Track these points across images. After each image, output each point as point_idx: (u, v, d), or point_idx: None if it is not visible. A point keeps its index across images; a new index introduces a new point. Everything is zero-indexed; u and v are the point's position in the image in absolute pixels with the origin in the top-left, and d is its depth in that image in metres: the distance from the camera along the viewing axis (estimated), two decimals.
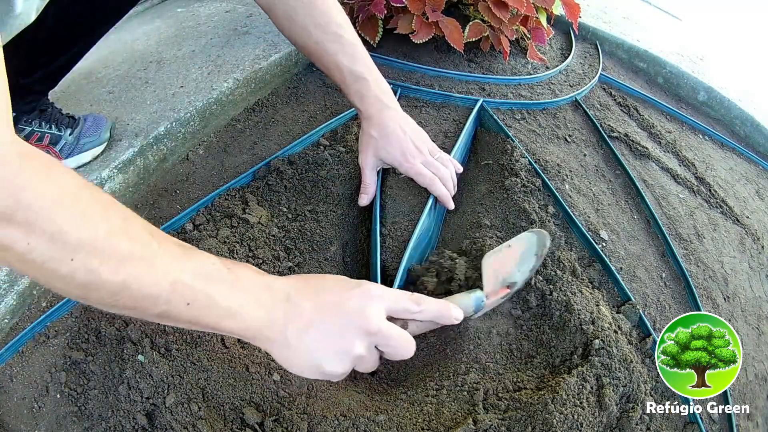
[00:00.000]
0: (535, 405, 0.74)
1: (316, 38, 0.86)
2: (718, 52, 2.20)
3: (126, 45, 1.31)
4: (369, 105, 0.89)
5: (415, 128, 0.95)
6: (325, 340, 0.57)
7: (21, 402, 0.74)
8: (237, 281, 0.52)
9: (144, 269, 0.46)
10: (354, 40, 0.88)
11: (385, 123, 0.90)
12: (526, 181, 1.03)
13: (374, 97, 0.89)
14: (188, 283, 0.48)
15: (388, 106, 0.90)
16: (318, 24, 0.85)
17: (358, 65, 0.87)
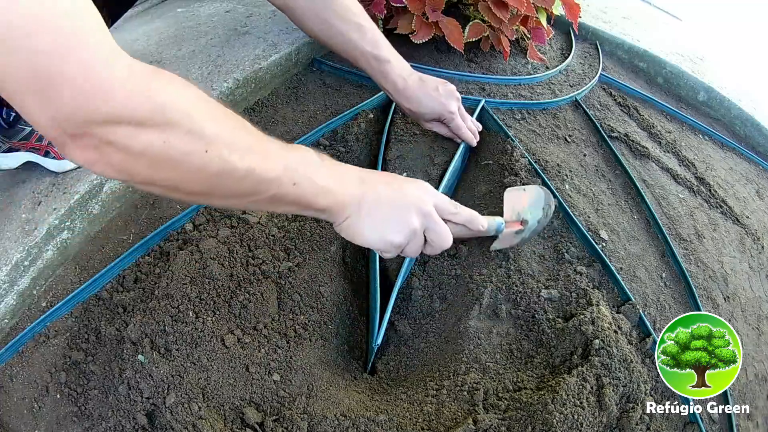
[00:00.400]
0: (535, 405, 0.74)
1: (339, 29, 0.94)
2: (718, 52, 2.20)
3: (126, 45, 1.30)
4: (396, 83, 0.99)
5: (438, 82, 1.03)
6: (391, 213, 0.68)
7: (21, 402, 0.74)
8: (329, 167, 0.65)
9: (263, 157, 0.56)
10: (371, 26, 0.96)
11: (414, 92, 1.00)
12: (526, 180, 1.03)
13: (399, 75, 0.99)
14: (294, 167, 0.59)
15: (412, 79, 1.01)
16: (339, 15, 0.93)
17: (380, 50, 0.96)
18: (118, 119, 0.45)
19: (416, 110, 1.03)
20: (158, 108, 0.47)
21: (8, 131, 0.89)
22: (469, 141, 1.09)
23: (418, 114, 1.04)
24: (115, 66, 0.46)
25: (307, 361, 0.81)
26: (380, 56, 0.96)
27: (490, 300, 0.87)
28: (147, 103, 0.46)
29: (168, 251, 0.89)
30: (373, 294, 0.87)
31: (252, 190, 0.56)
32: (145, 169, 0.49)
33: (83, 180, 0.91)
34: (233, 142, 0.53)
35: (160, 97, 0.47)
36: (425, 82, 1.02)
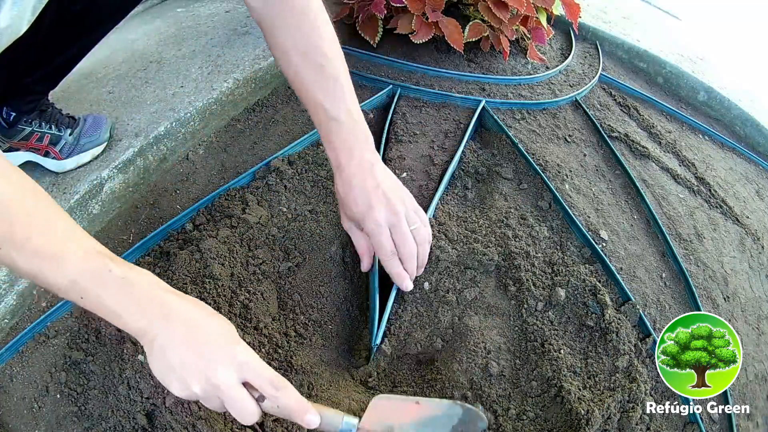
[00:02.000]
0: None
1: (296, 65, 0.75)
2: (718, 52, 2.20)
3: (126, 45, 1.31)
4: (337, 152, 0.77)
5: (392, 182, 0.79)
6: (183, 362, 0.55)
7: (21, 402, 0.74)
8: (126, 288, 0.54)
9: (49, 265, 0.51)
10: (338, 74, 0.76)
11: (349, 174, 0.76)
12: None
13: (343, 143, 0.76)
14: (82, 284, 0.52)
15: (356, 156, 0.76)
16: (299, 49, 0.75)
17: (333, 103, 0.75)
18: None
19: (343, 197, 0.79)
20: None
21: (8, 131, 0.89)
22: (394, 276, 0.80)
23: (341, 203, 0.80)
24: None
25: (307, 361, 0.81)
26: (331, 111, 0.75)
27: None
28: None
29: (168, 251, 0.89)
30: (373, 294, 0.87)
31: (44, 287, 0.54)
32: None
33: (83, 180, 0.91)
34: (22, 247, 0.50)
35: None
36: (372, 171, 0.77)
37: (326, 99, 0.75)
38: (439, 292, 0.89)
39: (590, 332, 0.90)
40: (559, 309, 0.91)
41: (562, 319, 0.90)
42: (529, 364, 0.85)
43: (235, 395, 0.56)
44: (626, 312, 0.93)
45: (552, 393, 0.82)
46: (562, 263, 0.95)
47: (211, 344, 0.56)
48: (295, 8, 0.74)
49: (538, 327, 0.88)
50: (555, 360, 0.84)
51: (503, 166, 1.11)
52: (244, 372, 0.57)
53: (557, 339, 0.87)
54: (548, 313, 0.90)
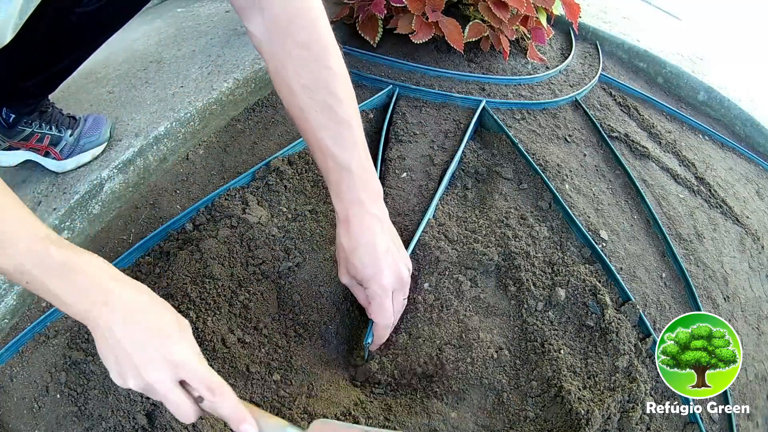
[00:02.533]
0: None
1: (301, 103, 0.69)
2: (718, 52, 2.20)
3: (126, 45, 1.31)
4: (346, 205, 0.72)
5: (399, 246, 0.77)
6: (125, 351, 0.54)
7: (21, 402, 0.74)
8: (68, 273, 0.53)
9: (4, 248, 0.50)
10: (350, 118, 0.70)
11: (359, 231, 0.71)
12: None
13: (354, 195, 0.71)
14: (27, 269, 0.52)
15: (367, 210, 0.72)
16: (306, 86, 0.68)
17: (344, 150, 0.69)
18: None
19: (347, 251, 0.73)
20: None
21: (8, 131, 0.89)
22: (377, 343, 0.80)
23: (344, 257, 0.75)
24: None
25: (307, 360, 0.82)
26: (341, 160, 0.69)
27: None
28: None
29: (168, 251, 0.89)
30: None
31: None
32: None
33: (83, 180, 0.91)
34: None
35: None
36: (383, 231, 0.73)
37: (336, 146, 0.69)
38: (438, 293, 0.89)
39: (590, 332, 0.90)
40: (559, 309, 0.91)
41: (562, 319, 0.90)
42: (529, 364, 0.85)
43: (169, 396, 0.55)
44: (626, 312, 0.93)
45: (552, 393, 0.82)
46: (562, 263, 0.95)
47: (146, 340, 0.54)
48: (302, 41, 0.67)
49: (538, 327, 0.88)
50: (555, 360, 0.84)
51: (503, 166, 1.11)
52: (180, 372, 0.55)
53: (557, 339, 0.87)
54: (548, 313, 0.90)
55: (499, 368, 0.84)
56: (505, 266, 0.94)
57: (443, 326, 0.87)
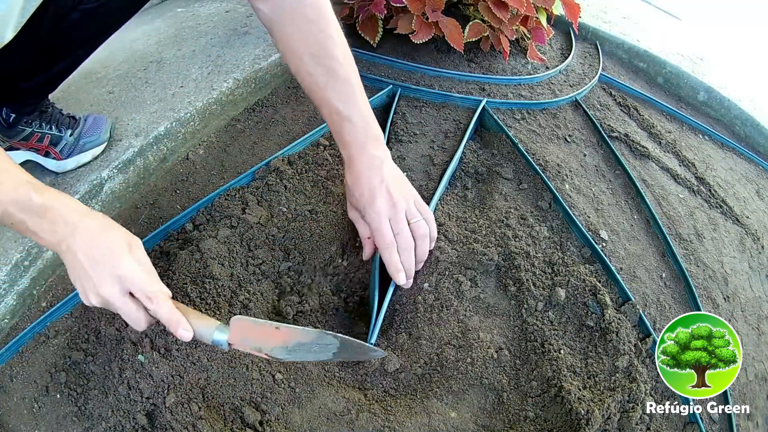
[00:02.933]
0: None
1: (308, 68, 0.80)
2: (718, 52, 2.20)
3: (126, 45, 1.31)
4: (349, 149, 0.83)
5: (397, 179, 0.84)
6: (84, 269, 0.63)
7: (21, 402, 0.74)
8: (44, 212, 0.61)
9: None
10: (349, 77, 0.81)
11: (359, 168, 0.82)
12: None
13: (356, 140, 0.82)
14: (10, 211, 0.60)
15: (368, 152, 0.82)
16: (312, 54, 0.79)
17: (346, 104, 0.80)
18: None
19: (350, 187, 0.84)
20: None
21: (8, 131, 0.89)
22: (390, 270, 0.84)
23: (348, 193, 0.86)
24: None
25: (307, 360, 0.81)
26: (344, 112, 0.80)
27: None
28: None
29: (168, 251, 0.89)
30: (372, 293, 0.87)
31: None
32: None
33: (83, 180, 0.91)
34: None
35: None
36: (380, 167, 0.82)
37: (340, 101, 0.80)
38: (438, 293, 0.89)
39: (590, 332, 0.90)
40: (559, 309, 0.91)
41: (562, 319, 0.90)
42: (529, 364, 0.85)
43: (120, 306, 0.64)
44: (626, 312, 0.93)
45: (552, 393, 0.82)
46: (562, 263, 0.95)
47: (100, 259, 0.62)
48: (309, 16, 0.78)
49: (538, 327, 0.88)
50: (555, 360, 0.84)
51: (503, 166, 1.11)
52: (126, 284, 0.63)
53: (557, 339, 0.87)
54: (548, 313, 0.90)
55: (499, 368, 0.84)
56: (505, 266, 0.94)
57: (443, 326, 0.87)
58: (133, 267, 0.64)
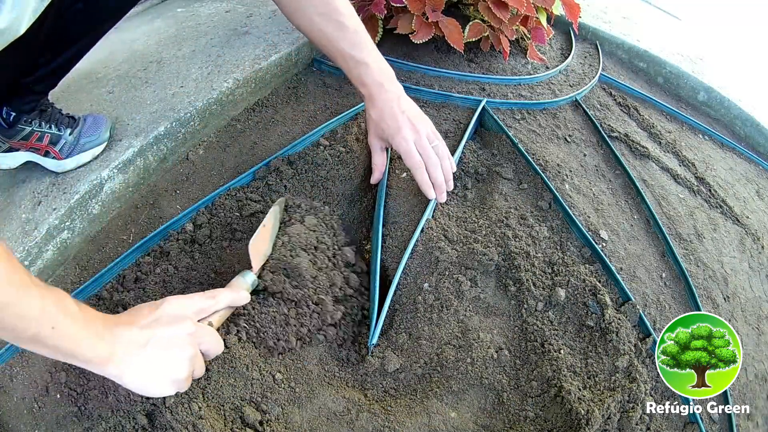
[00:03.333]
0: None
1: (319, 26, 0.90)
2: (718, 52, 2.20)
3: (126, 45, 1.31)
4: (369, 88, 0.94)
5: (415, 110, 0.97)
6: (164, 353, 0.65)
7: (21, 402, 0.74)
8: (87, 321, 0.61)
9: (24, 294, 0.55)
10: (356, 27, 0.91)
11: (382, 103, 0.94)
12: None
13: (374, 80, 0.93)
14: (53, 311, 0.57)
15: (387, 89, 0.94)
16: (321, 13, 0.89)
17: (360, 51, 0.92)
18: None
19: (376, 121, 0.95)
20: None
21: (8, 131, 0.89)
22: (423, 189, 0.96)
23: (374, 126, 0.97)
24: None
25: (307, 360, 0.81)
26: (359, 58, 0.92)
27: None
28: None
29: (168, 251, 0.89)
30: (372, 293, 0.87)
31: (12, 326, 0.55)
32: None
33: (83, 180, 0.91)
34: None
35: None
36: (399, 101, 0.95)
37: (353, 48, 0.91)
38: (438, 293, 0.89)
39: (590, 332, 0.90)
40: (559, 309, 0.91)
41: (562, 319, 0.90)
42: (529, 364, 0.85)
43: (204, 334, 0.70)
44: (626, 312, 0.93)
45: (552, 393, 0.82)
46: (562, 263, 0.95)
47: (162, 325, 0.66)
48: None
49: (538, 327, 0.88)
50: (555, 360, 0.84)
51: (503, 166, 1.11)
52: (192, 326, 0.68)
53: (557, 339, 0.87)
54: (548, 313, 0.90)
55: (499, 368, 0.84)
56: (505, 266, 0.94)
57: (443, 326, 0.87)
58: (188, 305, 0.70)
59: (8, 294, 0.54)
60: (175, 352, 0.66)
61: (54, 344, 0.58)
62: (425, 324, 0.87)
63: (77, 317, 0.59)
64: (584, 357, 0.87)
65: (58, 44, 0.83)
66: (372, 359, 0.83)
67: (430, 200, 0.97)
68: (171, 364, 0.65)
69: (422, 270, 0.92)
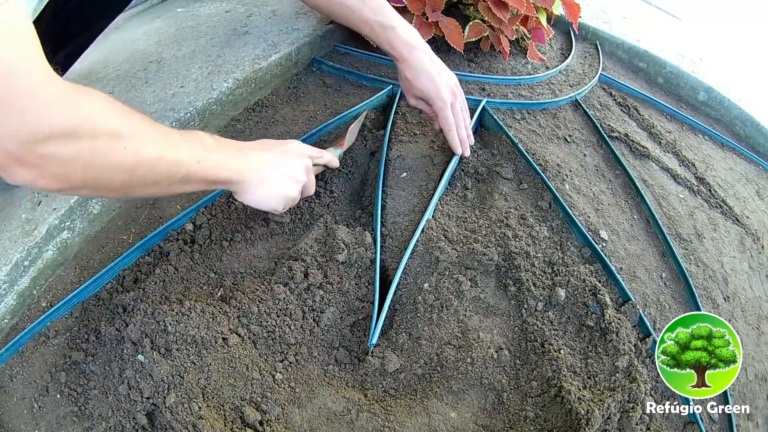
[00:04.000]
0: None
1: (340, 1, 0.98)
2: (718, 52, 2.20)
3: (126, 45, 1.31)
4: (400, 50, 0.98)
5: (444, 68, 1.02)
6: (283, 175, 0.80)
7: (21, 402, 0.74)
8: (223, 148, 0.74)
9: (170, 143, 0.65)
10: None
11: (415, 64, 0.98)
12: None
13: (403, 42, 0.98)
14: (196, 148, 0.69)
15: (417, 48, 0.98)
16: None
17: (383, 16, 0.97)
18: (53, 134, 0.52)
19: (411, 81, 1.01)
20: (83, 120, 0.55)
21: None
22: (454, 146, 1.05)
23: (410, 86, 1.03)
24: (49, 89, 0.52)
25: (307, 359, 0.81)
26: (385, 23, 0.97)
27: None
28: (75, 117, 0.54)
29: (168, 251, 0.89)
30: (373, 294, 0.87)
31: (166, 174, 0.65)
32: (79, 173, 0.56)
33: None
34: (145, 135, 0.61)
35: (84, 110, 0.55)
36: (432, 61, 1.01)
37: (375, 14, 0.97)
38: (438, 293, 0.89)
39: (590, 332, 0.90)
40: (559, 309, 0.91)
41: (562, 319, 0.90)
42: (529, 364, 0.85)
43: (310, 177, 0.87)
44: (626, 312, 0.93)
45: (552, 393, 0.82)
46: (562, 263, 0.95)
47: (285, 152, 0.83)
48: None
49: (538, 327, 0.88)
50: (555, 360, 0.84)
51: (503, 166, 1.11)
52: (309, 162, 0.86)
53: (557, 339, 0.87)
54: (548, 313, 0.90)
55: (499, 368, 0.84)
56: (505, 266, 0.94)
57: (443, 326, 0.87)
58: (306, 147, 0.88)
59: (161, 146, 0.63)
60: (295, 175, 0.81)
61: (201, 176, 0.69)
62: (425, 324, 0.87)
63: (215, 147, 0.72)
64: (584, 357, 0.87)
65: (55, 43, 0.84)
66: (372, 359, 0.83)
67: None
68: (289, 184, 0.80)
69: (422, 270, 0.92)
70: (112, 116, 0.58)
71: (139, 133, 0.61)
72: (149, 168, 0.62)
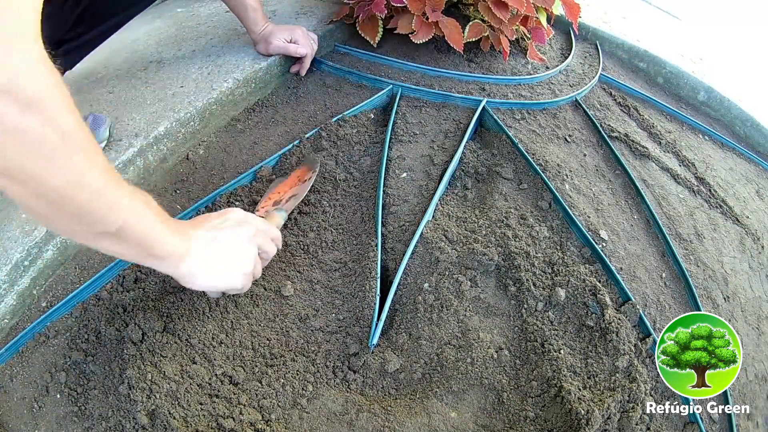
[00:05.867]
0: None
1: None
2: (718, 52, 2.20)
3: (126, 45, 1.31)
4: (260, 28, 1.18)
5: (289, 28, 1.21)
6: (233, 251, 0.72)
7: (21, 402, 0.74)
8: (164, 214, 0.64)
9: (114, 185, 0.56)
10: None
11: (275, 37, 1.18)
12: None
13: (264, 19, 1.18)
14: (140, 206, 0.60)
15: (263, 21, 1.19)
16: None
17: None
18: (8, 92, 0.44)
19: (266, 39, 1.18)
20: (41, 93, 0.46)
21: None
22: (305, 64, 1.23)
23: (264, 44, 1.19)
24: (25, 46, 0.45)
25: (307, 359, 0.81)
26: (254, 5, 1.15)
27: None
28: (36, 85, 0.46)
29: None
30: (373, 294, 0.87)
31: (103, 216, 0.55)
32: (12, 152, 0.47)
33: None
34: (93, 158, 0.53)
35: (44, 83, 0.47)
36: (282, 27, 1.19)
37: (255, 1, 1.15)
38: (438, 293, 0.89)
39: (590, 332, 0.90)
40: (559, 309, 0.91)
41: (562, 319, 0.90)
42: (529, 364, 0.85)
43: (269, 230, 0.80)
44: (626, 312, 0.93)
45: (552, 393, 0.82)
46: (562, 263, 0.95)
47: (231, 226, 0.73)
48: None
49: (538, 327, 0.88)
50: (555, 360, 0.84)
51: (503, 166, 1.11)
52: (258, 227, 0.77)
53: (557, 339, 0.87)
54: (548, 313, 0.90)
55: (499, 368, 0.84)
56: (505, 266, 0.94)
57: (443, 326, 0.87)
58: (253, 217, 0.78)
59: (104, 180, 0.54)
60: (242, 248, 0.73)
61: (138, 238, 0.60)
62: (425, 324, 0.87)
63: (160, 214, 0.63)
64: (584, 357, 0.87)
65: (89, 20, 0.89)
66: (372, 359, 0.83)
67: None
68: (238, 258, 0.72)
69: (422, 270, 0.92)
70: (69, 113, 0.50)
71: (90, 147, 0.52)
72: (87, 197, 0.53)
